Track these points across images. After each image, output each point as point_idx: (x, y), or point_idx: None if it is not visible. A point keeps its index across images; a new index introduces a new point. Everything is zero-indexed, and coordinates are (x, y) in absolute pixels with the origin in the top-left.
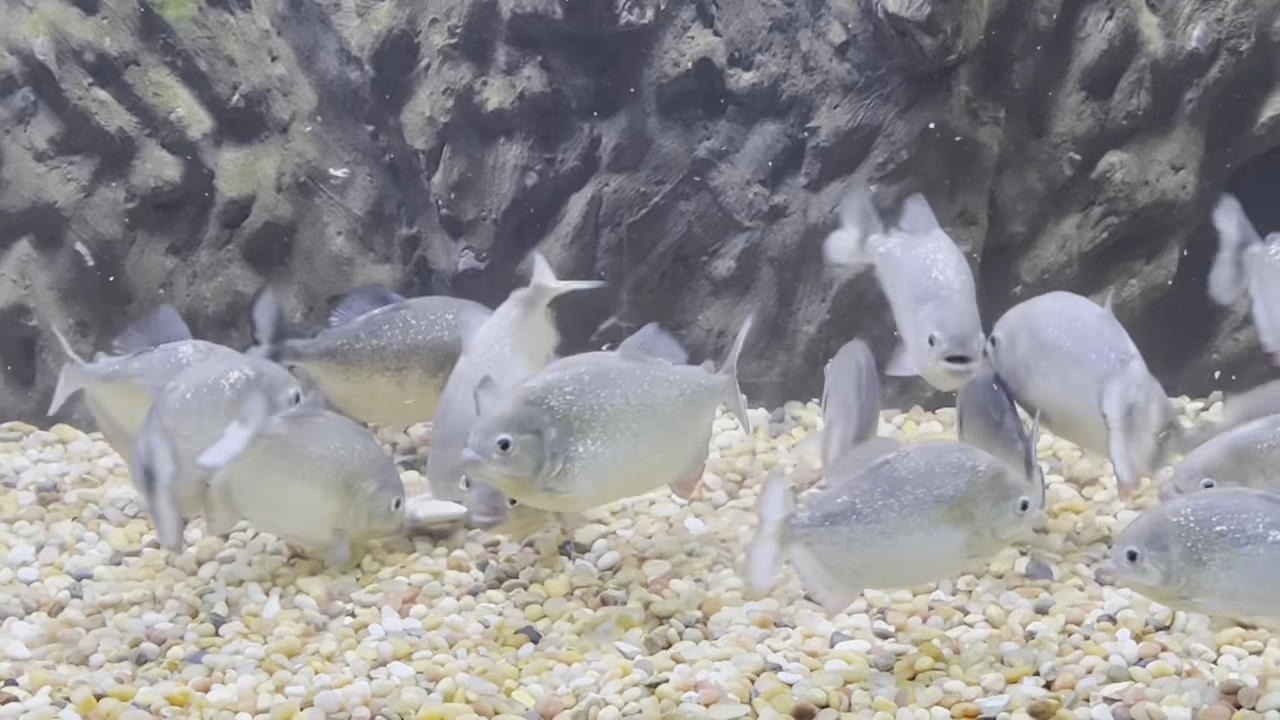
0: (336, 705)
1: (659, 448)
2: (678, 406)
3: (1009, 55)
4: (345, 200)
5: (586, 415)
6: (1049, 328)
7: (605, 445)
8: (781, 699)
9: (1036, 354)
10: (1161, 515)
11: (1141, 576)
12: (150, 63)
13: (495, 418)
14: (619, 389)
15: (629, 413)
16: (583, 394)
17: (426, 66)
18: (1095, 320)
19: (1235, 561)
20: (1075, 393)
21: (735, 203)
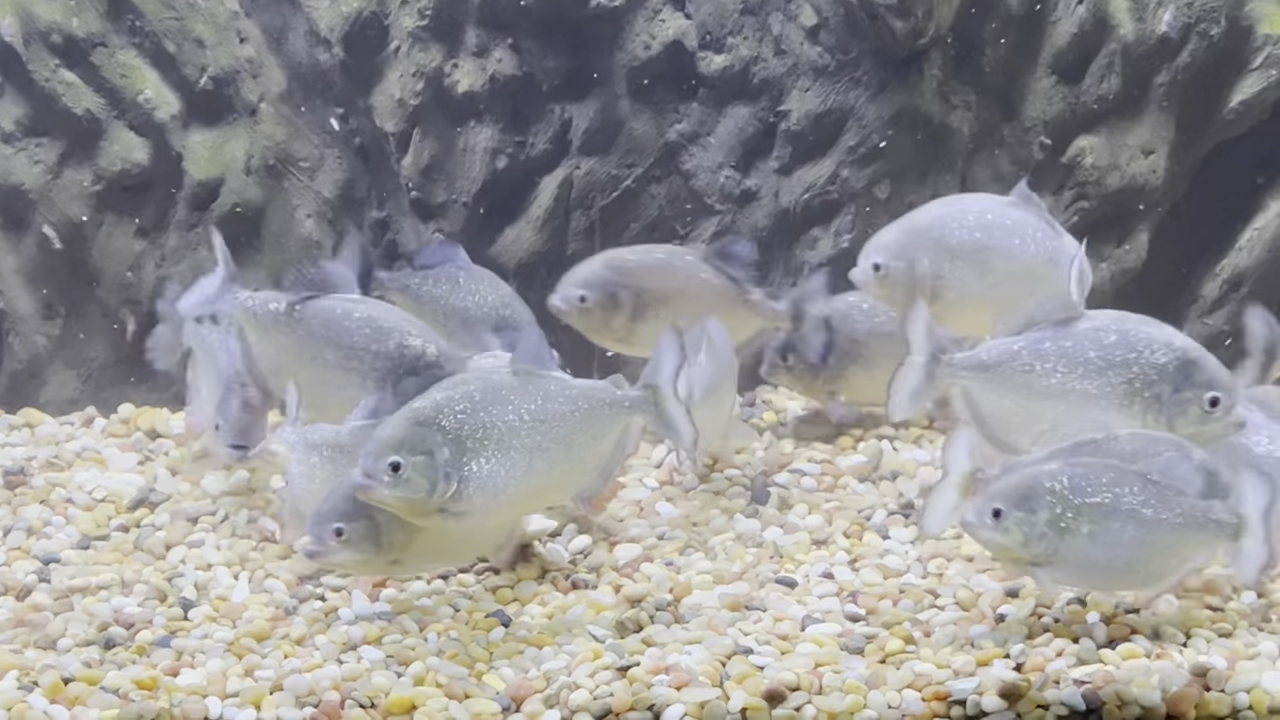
0: (306, 689)
1: (556, 465)
2: (575, 423)
3: (980, 39)
4: (314, 183)
5: (479, 434)
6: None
7: (500, 463)
8: (752, 682)
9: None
10: (1036, 478)
11: (1002, 535)
12: (118, 44)
13: (385, 439)
14: (512, 405)
15: (523, 429)
16: (474, 412)
17: (396, 49)
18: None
19: (1101, 535)
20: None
21: (707, 186)
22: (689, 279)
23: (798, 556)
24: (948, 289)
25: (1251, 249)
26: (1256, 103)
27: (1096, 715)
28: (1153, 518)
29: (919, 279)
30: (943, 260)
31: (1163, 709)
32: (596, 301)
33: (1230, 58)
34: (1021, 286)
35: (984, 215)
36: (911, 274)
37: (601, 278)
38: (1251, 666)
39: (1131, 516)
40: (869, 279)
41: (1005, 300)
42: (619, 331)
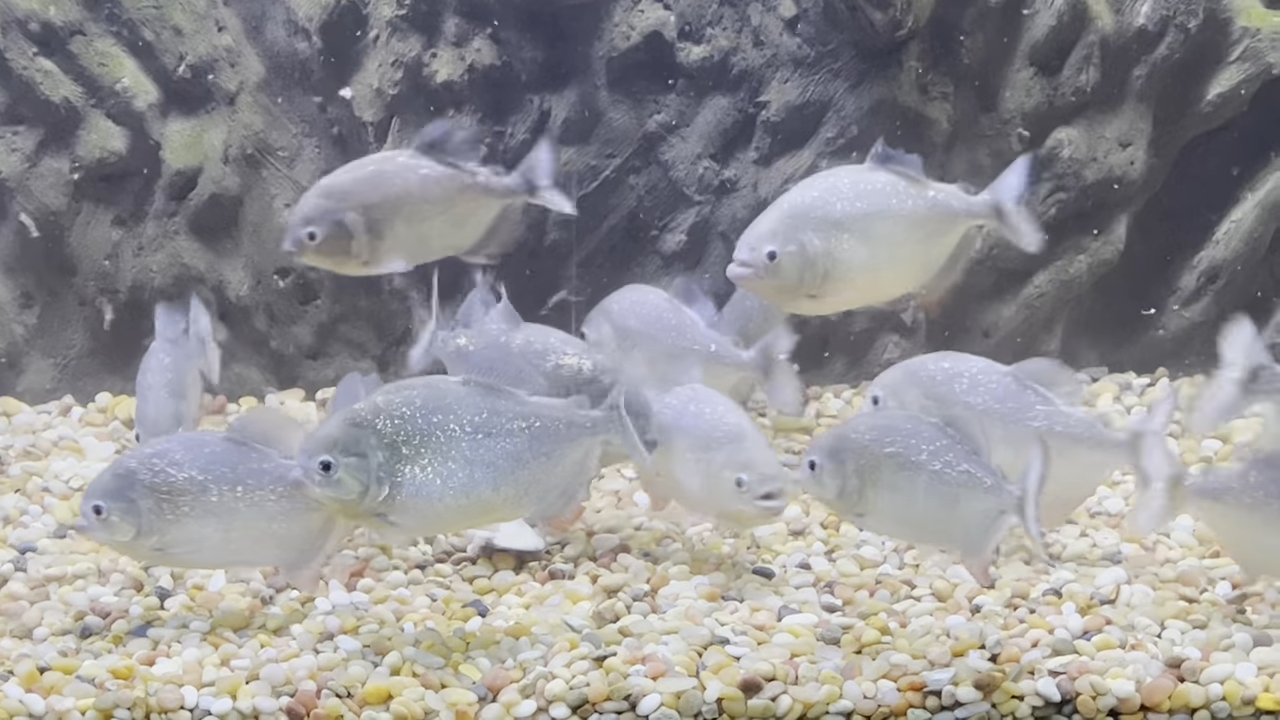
0: (282, 678)
1: (503, 481)
2: (526, 440)
3: (959, 31)
4: (293, 172)
5: (416, 440)
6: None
7: (437, 473)
8: (728, 672)
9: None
10: (844, 431)
11: (819, 488)
12: (96, 32)
13: (320, 438)
14: (455, 416)
15: (464, 441)
16: (413, 418)
17: (375, 38)
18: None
19: (899, 484)
20: None
21: (685, 177)
22: (408, 178)
23: (775, 547)
24: (839, 264)
25: (1229, 241)
26: (1234, 95)
27: (1071, 706)
28: (939, 472)
29: (811, 260)
30: (831, 236)
31: (1137, 700)
32: (327, 235)
33: (1208, 50)
34: (905, 244)
35: (856, 184)
36: (805, 256)
37: (323, 209)
38: (1225, 658)
39: (920, 469)
40: (762, 269)
41: (893, 262)
42: (364, 255)
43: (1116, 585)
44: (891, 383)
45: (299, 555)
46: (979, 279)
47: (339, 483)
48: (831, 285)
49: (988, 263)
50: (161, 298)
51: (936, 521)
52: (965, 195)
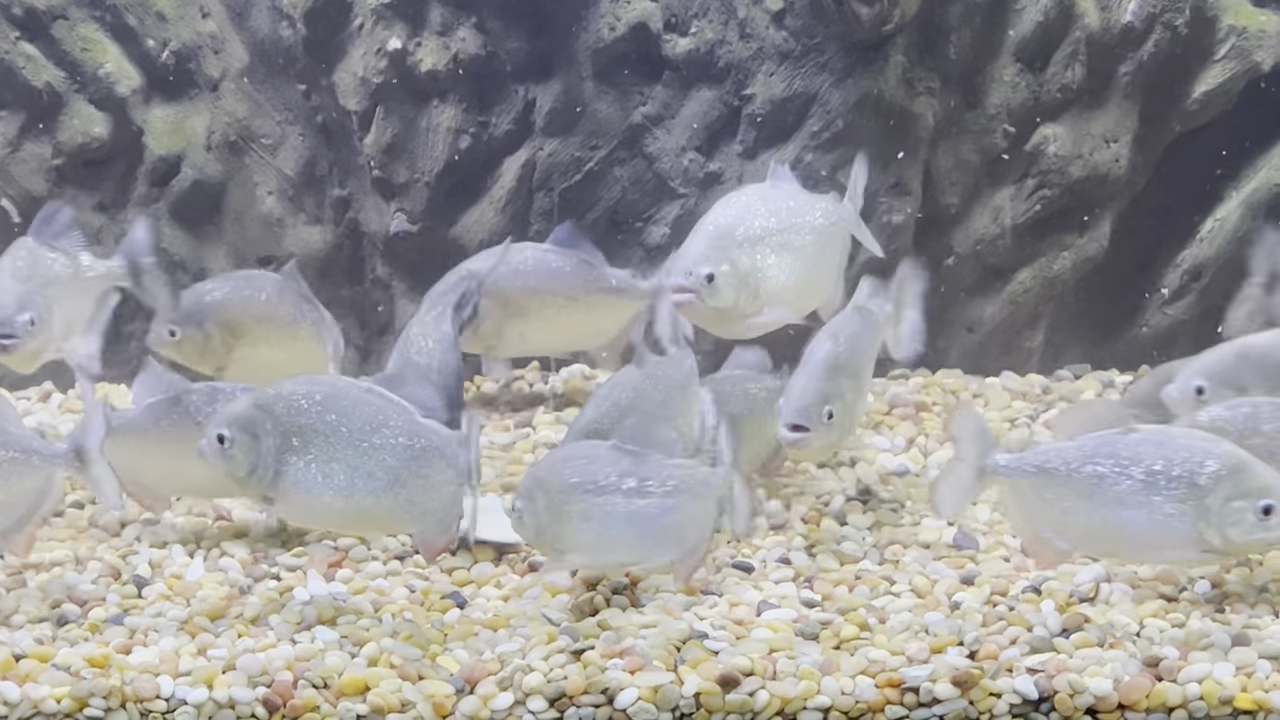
0: (259, 669)
1: (382, 495)
2: (405, 459)
3: (945, 26)
4: (276, 160)
5: (305, 433)
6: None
7: (320, 470)
8: (706, 666)
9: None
10: (535, 470)
11: (521, 528)
12: (79, 17)
13: (225, 411)
14: (347, 419)
15: (348, 446)
16: (308, 412)
17: (360, 26)
18: None
19: (592, 513)
20: None
21: (670, 169)
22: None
23: (755, 541)
24: (767, 279)
25: (1213, 240)
26: (1220, 93)
27: (1049, 704)
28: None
29: (744, 278)
30: (756, 253)
31: (1115, 699)
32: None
33: (1194, 48)
34: (816, 255)
35: (766, 200)
36: (738, 274)
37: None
38: (1204, 657)
39: (614, 490)
40: (701, 291)
41: (810, 274)
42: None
43: (1096, 583)
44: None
45: (431, 527)
46: (962, 275)
47: (231, 458)
48: (761, 302)
49: (971, 259)
50: None
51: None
52: (840, 203)
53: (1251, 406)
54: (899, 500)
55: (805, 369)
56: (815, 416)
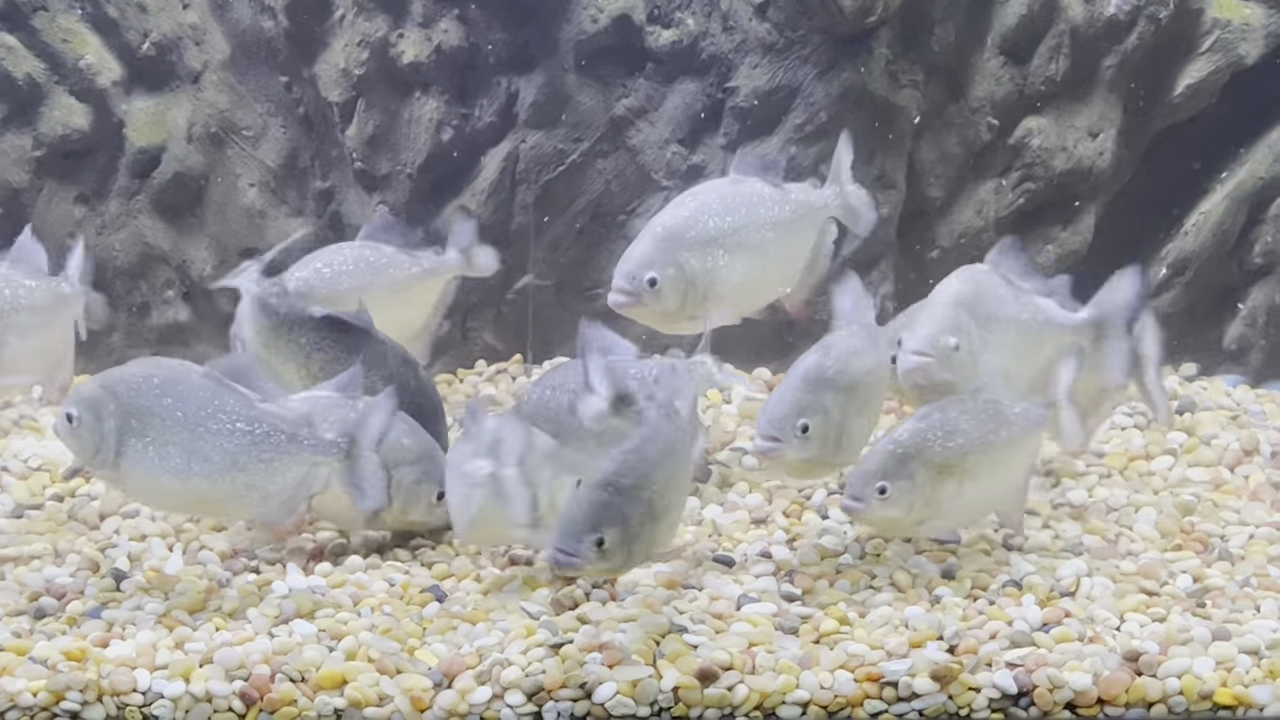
0: (236, 662)
1: (216, 478)
2: (245, 444)
3: (929, 18)
4: (258, 152)
5: (143, 416)
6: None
7: (157, 453)
8: (685, 660)
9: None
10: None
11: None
12: (59, 8)
13: (76, 392)
14: (183, 404)
15: (184, 431)
16: (147, 394)
17: (341, 18)
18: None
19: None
20: None
21: (653, 162)
22: None
23: (736, 535)
24: (718, 281)
25: (1197, 233)
26: (1204, 86)
27: (1028, 699)
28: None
29: (691, 280)
30: (708, 255)
31: (1094, 693)
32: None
33: (1179, 41)
34: (774, 250)
35: (725, 198)
36: (684, 278)
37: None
38: (1184, 651)
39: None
40: (644, 295)
41: (765, 271)
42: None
43: (1077, 577)
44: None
45: (275, 510)
46: (947, 268)
47: (77, 434)
48: (711, 303)
49: (955, 252)
50: (124, 277)
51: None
52: (817, 190)
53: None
54: None
55: (786, 380)
56: (788, 429)
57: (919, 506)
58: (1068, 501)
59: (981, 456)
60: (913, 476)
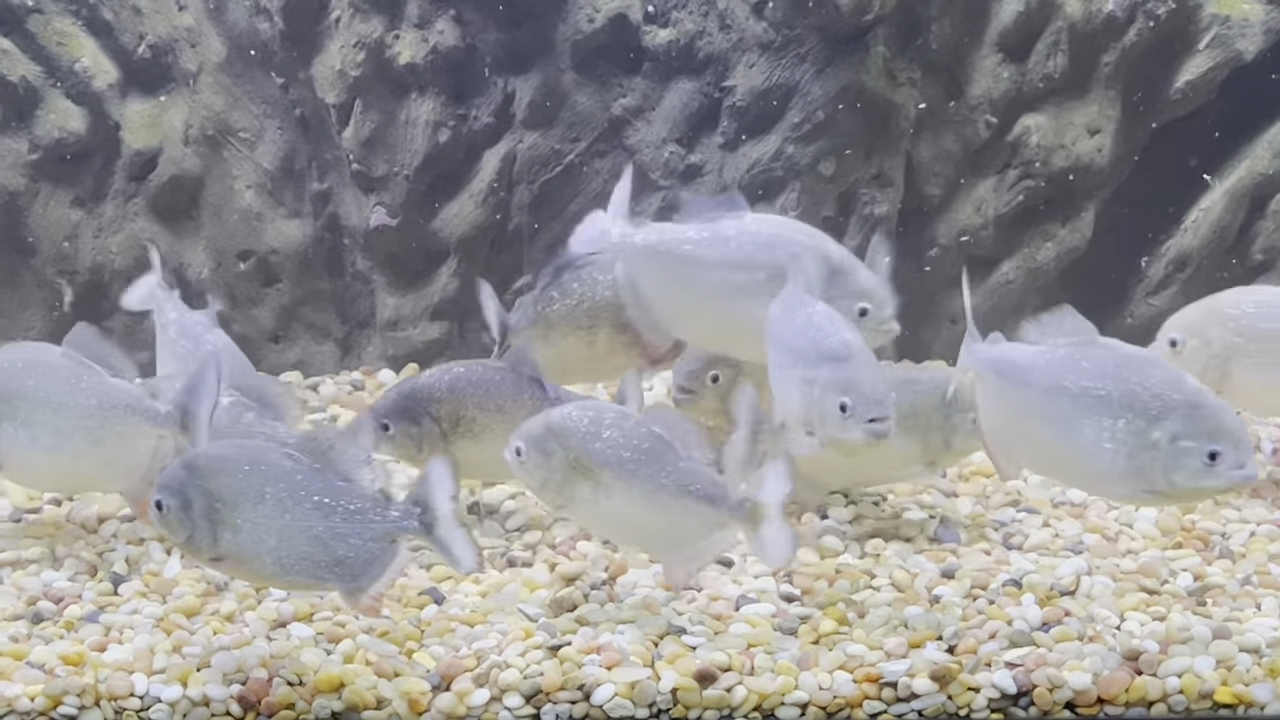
0: (234, 666)
1: (79, 454)
2: (98, 418)
3: (926, 16)
4: (254, 154)
5: (13, 399)
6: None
7: (29, 435)
8: (684, 662)
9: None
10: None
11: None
12: (54, 11)
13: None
14: (44, 384)
15: (48, 408)
16: (12, 378)
17: (337, 19)
18: None
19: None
20: None
21: (651, 161)
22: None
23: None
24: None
25: (1197, 230)
26: (1203, 83)
27: (1028, 698)
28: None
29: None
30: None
31: (1094, 693)
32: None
33: (1177, 37)
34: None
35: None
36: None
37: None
38: (1184, 650)
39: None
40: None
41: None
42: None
43: (1076, 576)
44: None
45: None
46: (946, 266)
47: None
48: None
49: (954, 250)
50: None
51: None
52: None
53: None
54: (881, 494)
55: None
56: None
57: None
58: (1068, 499)
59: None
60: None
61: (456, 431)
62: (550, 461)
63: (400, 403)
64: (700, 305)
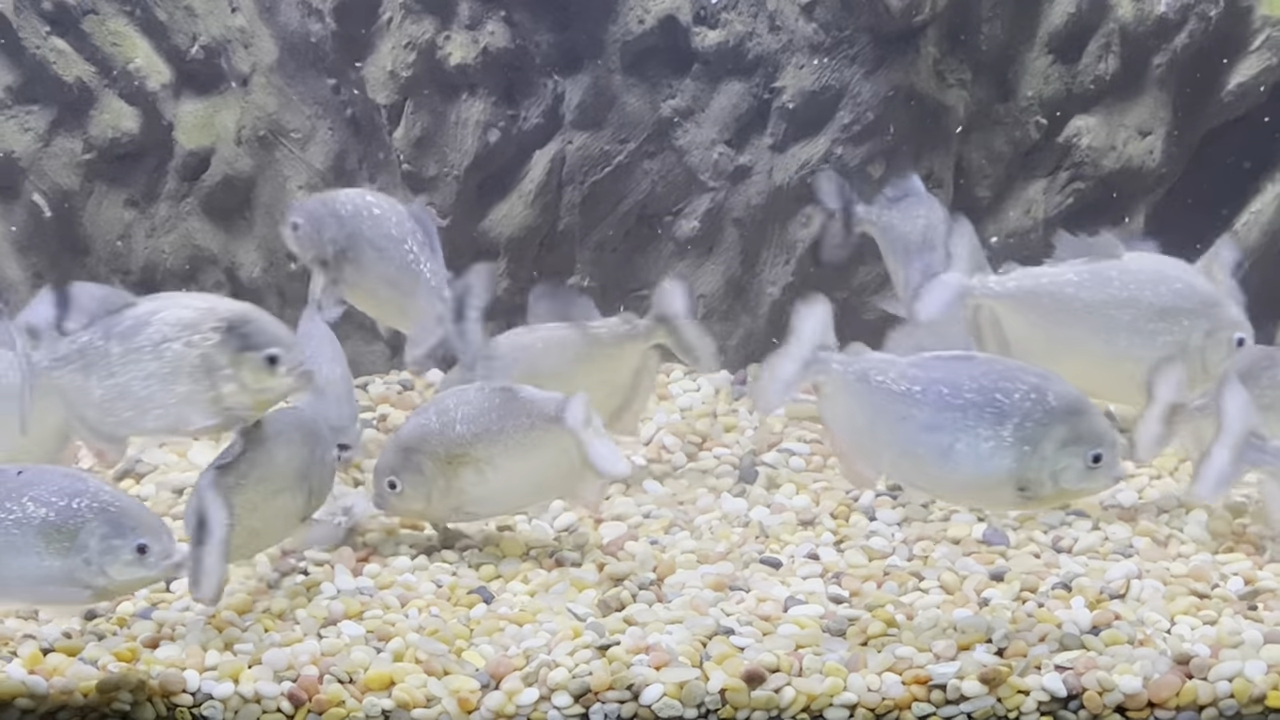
0: (285, 663)
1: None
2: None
3: (977, 17)
4: (306, 154)
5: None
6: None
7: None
8: (732, 662)
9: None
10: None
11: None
12: (108, 12)
13: None
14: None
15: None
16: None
17: (389, 20)
18: None
19: None
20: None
21: (700, 162)
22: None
23: (783, 537)
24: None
25: (1248, 232)
26: (1254, 85)
27: (1077, 702)
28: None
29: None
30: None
31: (1144, 696)
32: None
33: (1229, 39)
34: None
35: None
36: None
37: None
38: (1235, 654)
39: None
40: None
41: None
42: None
43: (1127, 579)
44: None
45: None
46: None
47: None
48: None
49: (1004, 251)
50: (173, 279)
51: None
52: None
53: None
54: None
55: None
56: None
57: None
58: (1118, 503)
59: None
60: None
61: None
62: (426, 475)
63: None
64: (1081, 346)
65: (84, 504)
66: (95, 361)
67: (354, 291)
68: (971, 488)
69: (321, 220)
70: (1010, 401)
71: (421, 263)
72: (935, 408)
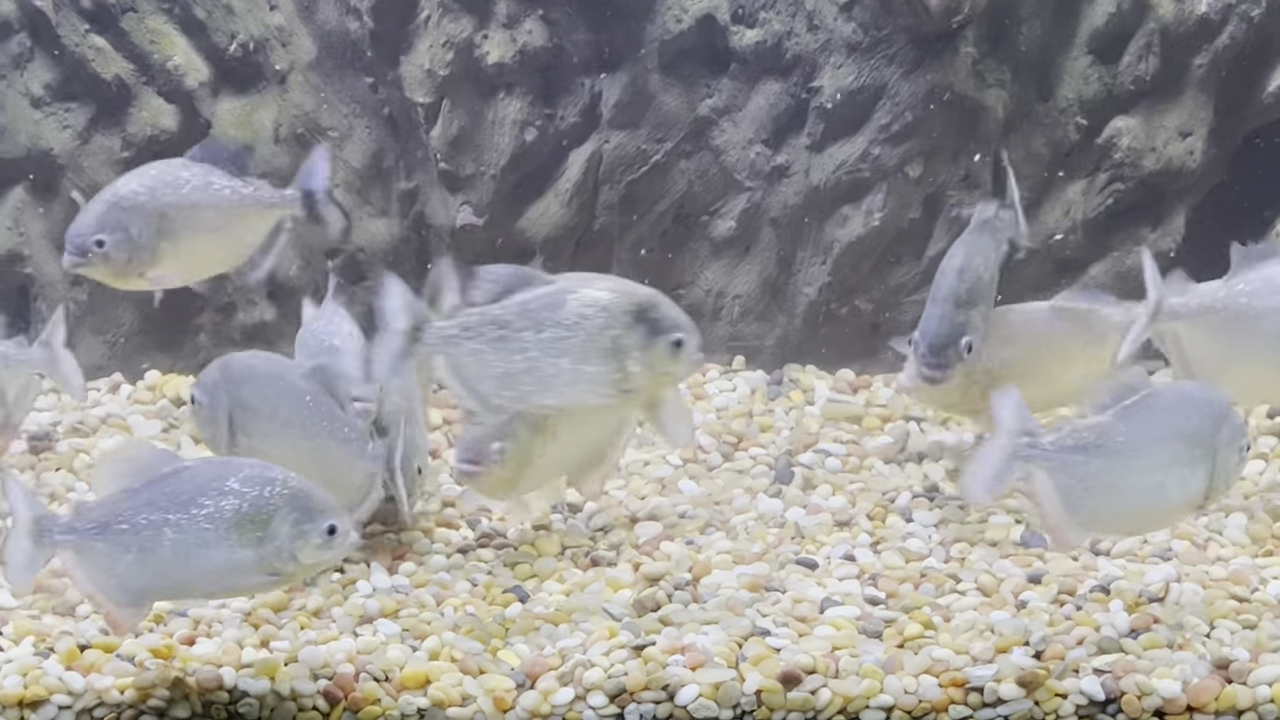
0: (320, 661)
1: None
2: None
3: (1016, 17)
4: (343, 153)
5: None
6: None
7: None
8: (768, 664)
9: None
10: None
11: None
12: (147, 10)
13: None
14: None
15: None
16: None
17: (426, 19)
18: None
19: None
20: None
21: (737, 162)
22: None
23: (819, 538)
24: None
25: None
26: None
27: (1115, 705)
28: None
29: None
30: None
31: (1183, 700)
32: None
33: (1271, 40)
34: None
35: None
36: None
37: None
38: (1275, 659)
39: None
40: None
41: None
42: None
43: (1166, 583)
44: None
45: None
46: (1034, 269)
47: None
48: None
49: (1043, 253)
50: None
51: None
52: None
53: None
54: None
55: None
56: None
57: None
58: None
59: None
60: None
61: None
62: (521, 440)
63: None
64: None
65: (275, 491)
66: (506, 336)
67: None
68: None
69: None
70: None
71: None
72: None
